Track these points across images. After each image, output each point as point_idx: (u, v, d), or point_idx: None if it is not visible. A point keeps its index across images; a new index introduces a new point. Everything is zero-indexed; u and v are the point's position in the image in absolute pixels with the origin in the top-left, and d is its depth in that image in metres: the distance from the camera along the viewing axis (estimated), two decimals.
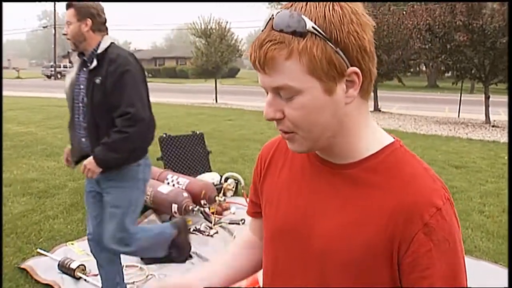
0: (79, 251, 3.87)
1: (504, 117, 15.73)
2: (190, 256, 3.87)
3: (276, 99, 0.86)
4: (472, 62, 13.44)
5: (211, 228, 4.48)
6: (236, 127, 11.94)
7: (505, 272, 3.57)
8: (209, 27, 19.40)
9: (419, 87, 33.79)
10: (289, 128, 0.88)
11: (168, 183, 4.73)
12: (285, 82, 0.82)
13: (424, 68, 27.56)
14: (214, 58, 19.29)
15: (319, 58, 0.80)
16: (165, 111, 15.46)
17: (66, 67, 48.95)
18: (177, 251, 3.46)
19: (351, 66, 0.83)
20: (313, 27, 0.80)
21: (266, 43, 0.82)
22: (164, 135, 5.88)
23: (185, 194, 4.30)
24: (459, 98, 16.39)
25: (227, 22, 19.71)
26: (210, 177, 5.66)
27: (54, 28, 45.54)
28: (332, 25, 0.80)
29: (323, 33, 0.80)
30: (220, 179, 5.58)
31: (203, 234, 4.36)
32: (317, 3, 0.82)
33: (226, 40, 19.62)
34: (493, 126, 13.45)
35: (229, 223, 4.62)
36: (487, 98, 13.84)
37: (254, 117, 14.35)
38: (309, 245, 0.94)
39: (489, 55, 12.98)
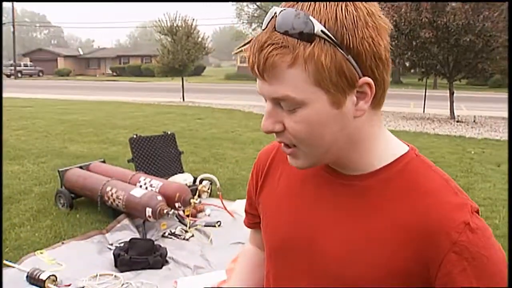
0: (49, 261, 3.68)
1: (467, 112, 16.13)
2: (167, 262, 3.77)
3: (276, 110, 0.77)
4: (436, 59, 13.72)
5: (186, 231, 4.36)
6: (206, 126, 11.79)
7: None
8: (175, 25, 19.10)
9: None
10: (289, 141, 0.79)
11: (141, 186, 4.58)
12: (287, 93, 0.73)
13: None
14: (180, 56, 19.00)
15: (328, 67, 0.71)
16: (132, 110, 15.19)
17: (27, 66, 47.59)
18: None
19: (363, 75, 0.74)
20: (322, 31, 0.70)
21: (267, 46, 0.72)
22: (135, 136, 5.71)
23: (159, 198, 4.16)
24: (423, 93, 16.70)
25: (193, 19, 19.47)
26: (183, 178, 5.54)
27: (13, 25, 44.00)
28: (344, 28, 0.70)
29: (333, 38, 0.70)
30: (194, 180, 5.46)
31: (178, 238, 4.24)
32: (327, 2, 0.72)
33: (192, 38, 19.36)
34: (457, 121, 13.76)
35: (205, 226, 4.52)
36: (451, 94, 14.15)
37: (223, 115, 14.22)
38: (314, 263, 0.86)
39: (453, 52, 13.28)
